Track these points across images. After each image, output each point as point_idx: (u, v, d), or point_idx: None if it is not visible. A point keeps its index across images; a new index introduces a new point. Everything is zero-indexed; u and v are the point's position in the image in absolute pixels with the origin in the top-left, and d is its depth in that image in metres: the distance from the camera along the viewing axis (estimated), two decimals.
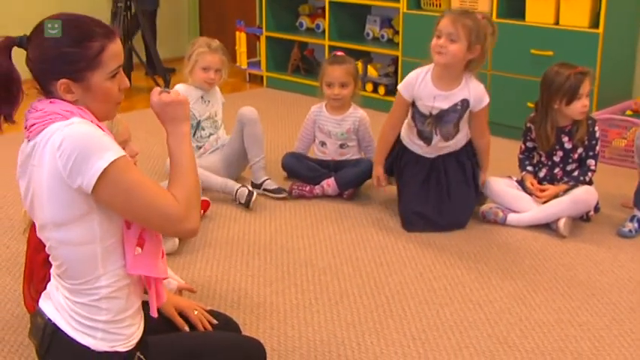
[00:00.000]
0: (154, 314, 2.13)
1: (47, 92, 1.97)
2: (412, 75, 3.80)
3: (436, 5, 5.56)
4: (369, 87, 6.04)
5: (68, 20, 1.95)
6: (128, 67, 6.58)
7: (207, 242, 3.57)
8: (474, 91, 3.69)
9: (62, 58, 1.91)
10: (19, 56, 1.97)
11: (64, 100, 1.95)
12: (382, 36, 6.24)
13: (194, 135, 4.20)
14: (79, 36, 1.92)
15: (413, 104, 3.80)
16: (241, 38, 6.90)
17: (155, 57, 6.54)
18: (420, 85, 3.75)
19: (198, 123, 4.19)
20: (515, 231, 3.73)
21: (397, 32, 5.99)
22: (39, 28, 1.94)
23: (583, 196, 3.69)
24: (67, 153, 1.84)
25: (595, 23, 4.80)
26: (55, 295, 2.04)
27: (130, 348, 2.04)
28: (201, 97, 4.20)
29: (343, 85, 4.14)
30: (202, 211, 3.83)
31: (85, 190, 1.86)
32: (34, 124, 1.93)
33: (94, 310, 1.98)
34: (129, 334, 2.04)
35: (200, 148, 4.21)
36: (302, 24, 6.78)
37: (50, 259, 2.07)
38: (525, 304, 3.04)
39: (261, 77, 6.91)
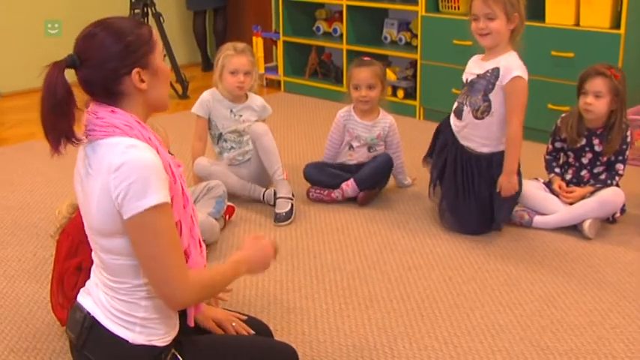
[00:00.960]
0: (191, 324, 2.18)
1: (111, 96, 1.99)
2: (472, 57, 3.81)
3: (454, 8, 5.55)
4: (388, 90, 6.02)
5: (111, 19, 2.01)
6: None
7: (234, 248, 3.57)
8: (505, 61, 3.58)
9: (129, 48, 1.96)
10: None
11: (126, 109, 1.99)
12: (400, 39, 6.24)
13: (216, 143, 4.19)
14: (130, 26, 1.99)
15: None
16: (258, 43, 6.91)
17: (173, 64, 6.56)
18: (472, 61, 3.77)
19: (220, 135, 4.15)
20: (541, 233, 3.72)
21: (415, 35, 5.98)
22: (87, 35, 1.97)
23: (610, 197, 3.68)
24: (122, 178, 1.88)
25: (616, 24, 4.78)
26: (95, 290, 2.09)
27: (166, 344, 2.08)
28: (230, 111, 4.13)
29: (370, 87, 4.13)
30: (227, 217, 3.83)
31: (122, 215, 1.91)
32: (94, 130, 1.97)
33: (133, 307, 2.03)
34: (166, 331, 2.08)
35: (221, 154, 4.19)
36: (319, 28, 6.78)
37: (93, 255, 2.11)
38: (556, 306, 3.03)
39: (279, 82, 6.92)
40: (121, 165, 1.88)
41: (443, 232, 3.75)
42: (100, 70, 1.95)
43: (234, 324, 2.37)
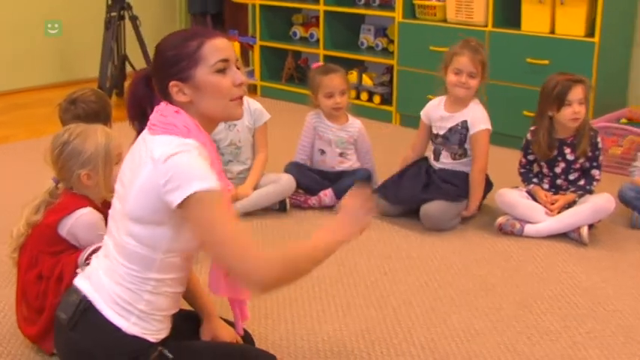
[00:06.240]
0: (240, 332, 2.37)
1: (170, 102, 2.11)
2: (431, 102, 4.14)
3: (431, 14, 5.58)
4: (365, 96, 6.05)
5: (172, 33, 2.15)
6: (121, 77, 6.58)
7: None
8: (473, 114, 3.95)
9: (167, 62, 2.06)
10: None
11: (188, 114, 2.08)
12: (377, 45, 6.26)
13: None
14: (177, 40, 2.09)
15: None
16: (235, 47, 6.90)
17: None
18: (435, 110, 4.08)
19: (217, 148, 4.10)
20: (516, 239, 3.76)
21: (392, 41, 6.01)
22: (155, 49, 2.14)
23: (604, 204, 3.72)
24: (169, 167, 1.96)
25: (591, 32, 4.84)
26: (96, 275, 2.14)
27: (157, 341, 2.13)
28: (224, 122, 4.08)
29: (342, 93, 4.15)
30: None
31: (170, 204, 1.97)
32: (156, 126, 2.07)
33: (135, 298, 2.08)
34: (159, 328, 2.14)
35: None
36: (295, 33, 6.80)
37: (106, 240, 2.18)
38: (532, 311, 3.05)
39: (255, 86, 6.91)
40: (171, 156, 1.96)
41: (418, 237, 3.78)
42: (155, 79, 2.11)
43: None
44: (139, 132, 2.16)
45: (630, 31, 5.16)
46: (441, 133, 4.01)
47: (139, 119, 2.19)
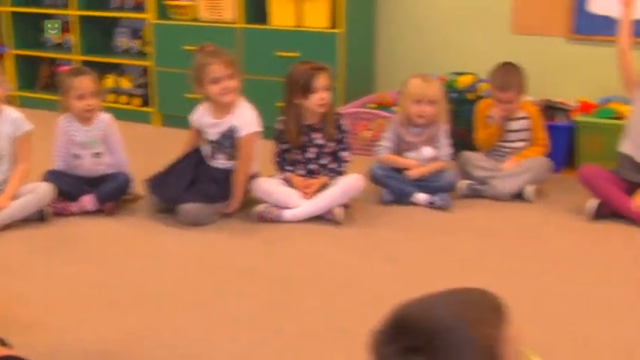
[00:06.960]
0: None
1: None
2: (198, 109, 4.20)
3: (184, 14, 5.65)
4: (124, 99, 6.04)
5: None
6: None
7: None
8: (240, 119, 4.04)
9: None
10: None
11: None
12: (132, 48, 6.25)
13: None
14: None
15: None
16: None
17: None
18: (203, 117, 4.15)
19: None
20: (275, 225, 3.93)
21: (146, 43, 6.03)
22: None
23: (353, 183, 3.99)
24: None
25: (335, 24, 5.10)
26: None
27: None
28: None
29: (93, 95, 4.14)
30: None
31: None
32: None
33: None
34: None
35: None
36: (48, 39, 6.65)
37: None
38: (293, 292, 3.20)
39: (12, 96, 6.68)
40: None
41: (184, 233, 3.86)
42: None
43: None
44: None
45: (372, 22, 5.49)
46: (214, 139, 4.09)
47: None
